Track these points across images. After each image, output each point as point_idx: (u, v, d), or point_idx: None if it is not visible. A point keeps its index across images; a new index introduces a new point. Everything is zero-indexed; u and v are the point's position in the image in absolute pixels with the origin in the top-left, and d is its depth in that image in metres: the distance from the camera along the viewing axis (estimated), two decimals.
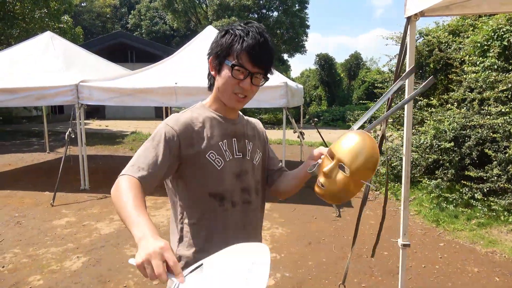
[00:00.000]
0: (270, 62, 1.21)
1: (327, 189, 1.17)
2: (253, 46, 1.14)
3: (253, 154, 1.34)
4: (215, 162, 1.22)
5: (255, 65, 1.17)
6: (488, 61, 5.09)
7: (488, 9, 1.91)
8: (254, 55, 1.15)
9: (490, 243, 4.06)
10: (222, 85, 1.21)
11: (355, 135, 1.17)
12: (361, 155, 1.12)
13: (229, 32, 1.19)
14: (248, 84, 1.18)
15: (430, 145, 5.32)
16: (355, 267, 3.52)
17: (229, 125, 1.29)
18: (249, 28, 1.17)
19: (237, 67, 1.16)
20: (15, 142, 12.19)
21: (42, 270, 3.42)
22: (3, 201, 5.57)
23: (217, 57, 1.20)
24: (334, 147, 1.18)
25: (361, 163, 1.11)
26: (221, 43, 1.19)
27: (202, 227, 1.25)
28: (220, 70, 1.20)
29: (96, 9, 36.18)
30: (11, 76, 6.28)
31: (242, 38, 1.15)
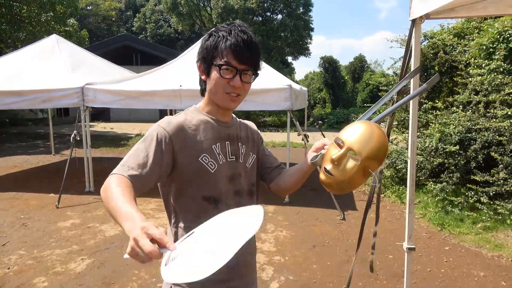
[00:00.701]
0: (256, 58, 1.21)
1: (336, 177, 1.14)
2: (237, 43, 1.15)
3: (246, 157, 1.34)
4: (208, 166, 1.22)
5: (242, 62, 1.17)
6: (494, 63, 5.06)
7: (495, 11, 1.89)
8: (239, 52, 1.15)
9: (496, 247, 4.02)
10: (213, 87, 1.21)
11: (363, 124, 1.16)
12: (372, 143, 1.10)
13: (213, 34, 1.20)
14: (238, 81, 1.18)
15: (435, 148, 5.29)
16: (360, 271, 3.50)
17: (222, 128, 1.29)
18: (231, 27, 1.18)
19: (225, 66, 1.16)
20: (21, 144, 12.27)
21: (47, 272, 3.43)
22: (9, 203, 5.60)
23: (204, 60, 1.21)
24: (342, 135, 1.16)
25: (371, 150, 1.10)
26: (206, 46, 1.20)
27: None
28: (209, 73, 1.21)
29: (102, 13, 36.43)
30: (17, 79, 6.33)
31: (225, 38, 1.16)
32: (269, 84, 5.43)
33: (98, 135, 13.91)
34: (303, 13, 23.73)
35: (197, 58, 1.26)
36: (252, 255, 1.41)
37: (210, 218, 1.20)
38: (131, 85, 5.95)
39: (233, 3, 21.72)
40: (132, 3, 37.95)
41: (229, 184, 1.27)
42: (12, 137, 13.49)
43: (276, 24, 22.87)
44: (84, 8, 33.40)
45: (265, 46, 22.78)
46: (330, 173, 1.15)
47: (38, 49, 7.39)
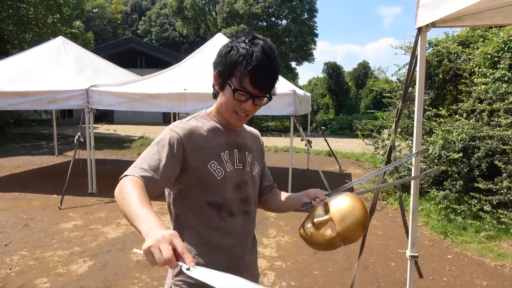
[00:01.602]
0: (272, 85, 1.20)
1: (312, 237, 1.27)
2: (256, 70, 1.12)
3: (252, 165, 1.35)
4: (215, 172, 1.22)
5: (258, 89, 1.16)
6: (499, 72, 5.06)
7: (502, 20, 1.90)
8: (256, 79, 1.14)
9: (499, 256, 3.99)
10: (224, 104, 1.22)
11: (350, 200, 1.26)
12: (350, 221, 1.21)
13: (234, 49, 1.16)
14: (250, 105, 1.19)
15: (438, 155, 5.28)
16: (361, 278, 3.49)
17: (231, 135, 1.30)
18: (254, 48, 1.14)
19: (239, 92, 1.15)
20: (25, 144, 12.33)
21: (49, 273, 3.44)
22: (12, 203, 5.62)
23: (221, 74, 1.20)
24: (331, 203, 1.26)
25: (348, 228, 1.21)
26: (225, 61, 1.17)
27: (197, 234, 1.25)
28: (223, 88, 1.21)
29: (108, 15, 36.70)
30: (23, 80, 6.38)
31: (246, 60, 1.12)
32: None
33: (101, 137, 13.96)
34: (308, 19, 23.83)
35: (213, 63, 1.24)
36: (255, 258, 1.43)
37: (212, 223, 1.22)
38: (136, 88, 5.98)
39: (238, 8, 21.83)
40: (138, 6, 38.21)
41: (235, 192, 1.28)
42: (16, 137, 13.55)
43: (281, 29, 22.97)
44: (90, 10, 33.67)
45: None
46: (307, 232, 1.28)
47: (44, 51, 7.44)
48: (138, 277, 3.41)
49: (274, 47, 1.19)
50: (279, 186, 1.55)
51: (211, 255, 1.25)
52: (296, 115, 5.52)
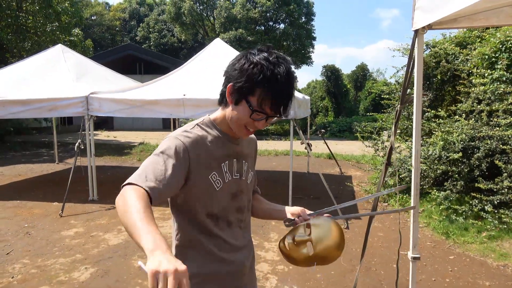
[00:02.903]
0: (289, 106, 1.17)
1: (290, 252, 1.34)
2: (280, 94, 1.11)
3: (248, 173, 1.35)
4: (215, 184, 1.22)
5: (276, 112, 1.14)
6: (497, 73, 5.08)
7: (497, 21, 1.91)
8: (278, 103, 1.12)
9: (502, 256, 3.99)
10: (235, 118, 1.18)
11: (331, 225, 1.34)
12: (327, 244, 1.29)
13: (257, 67, 1.10)
14: (263, 124, 1.18)
15: (438, 156, 5.28)
16: (364, 280, 3.48)
17: (232, 145, 1.28)
18: (278, 69, 1.10)
19: (258, 112, 1.13)
20: (25, 152, 12.33)
21: (51, 281, 3.44)
22: (13, 211, 5.62)
23: (239, 90, 1.14)
24: (313, 225, 1.33)
25: (323, 251, 1.29)
26: (247, 78, 1.11)
27: (198, 243, 1.25)
28: (238, 103, 1.16)
29: (106, 22, 36.85)
30: (23, 88, 6.39)
31: (271, 83, 1.09)
32: None
33: (101, 144, 13.97)
34: (306, 23, 23.93)
35: (228, 76, 1.18)
36: (253, 263, 1.45)
37: (211, 235, 1.24)
38: (135, 94, 6.00)
39: (236, 13, 21.93)
40: (136, 13, 38.38)
41: (232, 201, 1.28)
42: (16, 145, 13.56)
43: (279, 33, 23.05)
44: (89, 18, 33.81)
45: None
46: (287, 246, 1.34)
47: (44, 59, 7.47)
48: (140, 283, 3.41)
49: (292, 66, 1.17)
50: (279, 189, 1.57)
51: (212, 264, 1.26)
52: (295, 118, 5.53)
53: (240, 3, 22.21)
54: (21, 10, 14.02)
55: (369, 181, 7.52)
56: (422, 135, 6.07)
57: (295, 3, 22.36)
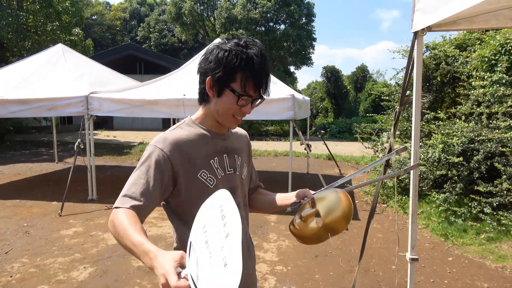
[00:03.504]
0: (269, 86, 1.20)
1: (300, 231, 1.32)
2: (259, 73, 1.13)
3: (242, 168, 1.34)
4: (207, 181, 1.21)
5: (259, 93, 1.17)
6: (496, 75, 5.09)
7: (496, 24, 1.92)
8: (260, 83, 1.14)
9: (500, 258, 4.00)
10: (222, 109, 1.19)
11: (336, 194, 1.32)
12: (335, 214, 1.27)
13: (232, 53, 1.12)
14: (250, 108, 1.20)
15: (438, 158, 5.29)
16: (362, 281, 3.49)
17: (219, 141, 1.27)
18: (251, 51, 1.13)
19: (244, 97, 1.14)
20: (25, 152, 12.33)
21: (50, 280, 3.44)
22: (12, 210, 5.62)
23: (219, 80, 1.14)
24: (317, 198, 1.32)
25: (332, 220, 1.26)
26: (225, 66, 1.12)
27: None
28: (221, 94, 1.16)
29: (107, 22, 36.88)
30: (23, 87, 6.40)
31: (249, 66, 1.11)
32: (272, 93, 5.44)
33: (101, 143, 13.97)
34: (306, 23, 23.95)
35: (204, 70, 1.19)
36: (253, 264, 1.44)
37: None
38: (135, 94, 6.00)
39: (237, 13, 21.95)
40: (137, 13, 38.40)
41: None
42: (16, 144, 13.56)
43: (279, 34, 23.07)
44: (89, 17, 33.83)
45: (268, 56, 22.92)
46: (296, 226, 1.33)
47: (44, 58, 7.48)
48: (139, 283, 3.41)
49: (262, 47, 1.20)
50: (279, 190, 1.56)
51: None
52: (295, 119, 5.54)
53: (241, 4, 22.24)
54: (21, 9, 14.03)
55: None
56: (422, 136, 6.07)
57: (296, 4, 22.38)
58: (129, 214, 1.03)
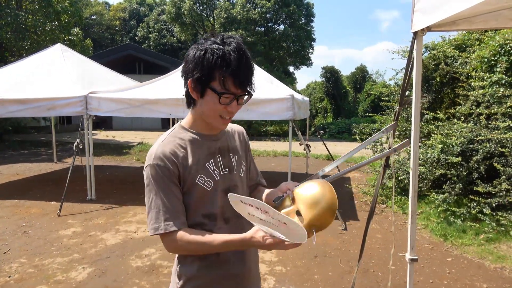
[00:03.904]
0: (252, 81, 1.18)
1: None
2: (238, 69, 1.10)
3: (239, 166, 1.34)
4: (205, 185, 1.21)
5: (241, 88, 1.14)
6: (496, 76, 5.09)
7: (496, 24, 1.92)
8: (239, 79, 1.12)
9: (499, 258, 4.00)
10: (207, 111, 1.18)
11: (317, 186, 1.20)
12: (317, 210, 1.14)
13: (208, 52, 1.11)
14: (235, 106, 1.17)
15: (437, 159, 5.29)
16: (361, 282, 3.48)
17: (212, 143, 1.27)
18: (229, 47, 1.11)
19: (225, 95, 1.13)
20: (23, 152, 12.31)
21: (48, 280, 3.43)
22: (11, 210, 5.61)
23: (199, 81, 1.14)
24: (297, 193, 1.21)
25: (314, 218, 1.13)
26: (202, 65, 1.12)
27: None
28: (204, 94, 1.16)
29: (106, 22, 36.84)
30: (22, 87, 6.38)
31: (226, 61, 1.10)
32: (271, 94, 5.46)
33: (100, 143, 13.96)
34: (305, 24, 23.95)
35: (185, 73, 1.19)
36: (256, 263, 1.43)
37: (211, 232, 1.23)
38: (135, 94, 5.99)
39: (236, 13, 21.94)
40: (136, 13, 38.37)
41: (225, 197, 1.25)
42: (15, 144, 13.54)
43: (279, 34, 23.07)
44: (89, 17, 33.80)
45: (267, 56, 22.93)
46: None
47: (43, 58, 7.46)
48: (137, 283, 3.40)
49: (242, 42, 1.17)
50: None
51: (215, 264, 1.26)
52: (294, 119, 5.53)
53: (240, 4, 22.23)
54: (20, 9, 14.01)
55: (367, 182, 7.52)
56: (421, 137, 6.07)
57: (295, 4, 22.38)
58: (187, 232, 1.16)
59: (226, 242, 1.12)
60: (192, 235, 1.14)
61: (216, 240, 1.12)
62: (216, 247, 1.13)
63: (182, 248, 1.16)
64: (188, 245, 1.14)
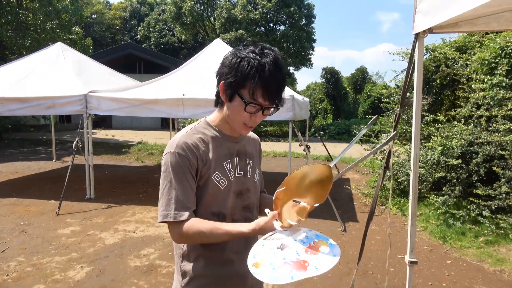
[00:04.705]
0: (282, 96, 1.19)
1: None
2: (269, 83, 1.12)
3: (253, 172, 1.36)
4: (219, 183, 1.23)
5: (269, 101, 1.16)
6: (496, 78, 5.08)
7: (497, 26, 1.91)
8: (269, 92, 1.13)
9: (498, 261, 3.99)
10: (232, 115, 1.21)
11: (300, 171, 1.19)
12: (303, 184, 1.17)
13: (244, 60, 1.14)
14: (260, 117, 1.19)
15: (437, 161, 5.28)
16: (360, 283, 3.47)
17: (232, 144, 1.30)
18: (265, 59, 1.13)
19: (251, 104, 1.14)
20: (23, 150, 12.29)
21: (46, 279, 3.41)
22: (10, 209, 5.60)
23: (230, 85, 1.17)
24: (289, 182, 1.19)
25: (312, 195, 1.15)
26: (235, 72, 1.14)
27: (204, 244, 1.25)
28: (232, 99, 1.18)
29: (106, 21, 36.81)
30: (22, 86, 6.38)
31: (259, 73, 1.11)
32: None
33: (99, 142, 13.93)
34: (306, 25, 23.95)
35: (219, 75, 1.21)
36: None
37: None
38: (134, 93, 5.98)
39: (237, 13, 21.94)
40: (137, 12, 38.35)
41: (237, 200, 1.28)
42: (14, 143, 13.52)
43: (279, 35, 23.06)
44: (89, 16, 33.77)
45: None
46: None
47: (43, 57, 7.45)
48: (136, 283, 3.39)
49: (281, 56, 1.19)
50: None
51: (218, 263, 1.26)
52: (294, 120, 5.52)
53: (241, 4, 22.23)
54: (21, 8, 14.00)
55: (367, 184, 7.52)
56: (421, 139, 6.06)
57: (296, 5, 22.38)
58: (196, 222, 1.17)
59: (228, 233, 1.15)
60: (199, 226, 1.15)
61: (221, 229, 1.14)
62: (221, 236, 1.15)
63: (187, 238, 1.18)
64: (194, 235, 1.16)
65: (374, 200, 2.44)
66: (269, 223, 1.11)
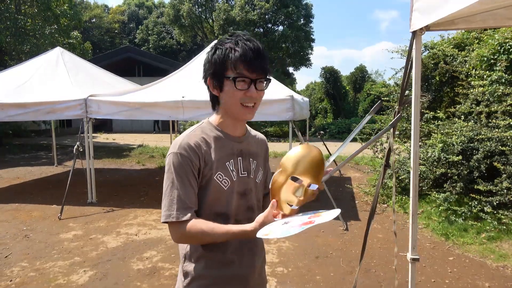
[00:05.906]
0: (266, 64, 1.21)
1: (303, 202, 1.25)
2: (247, 53, 1.15)
3: (256, 172, 1.35)
4: (222, 183, 1.23)
5: (254, 71, 1.17)
6: (495, 74, 5.09)
7: (494, 23, 1.92)
8: (250, 61, 1.15)
9: (501, 257, 3.99)
10: (229, 100, 1.21)
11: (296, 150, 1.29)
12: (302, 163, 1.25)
13: (218, 47, 1.20)
14: (254, 91, 1.19)
15: (437, 158, 5.28)
16: (363, 282, 3.48)
17: (235, 143, 1.29)
18: (236, 38, 1.18)
19: (239, 78, 1.16)
20: (24, 155, 12.31)
21: (49, 284, 3.42)
22: (12, 214, 5.61)
23: (215, 75, 1.20)
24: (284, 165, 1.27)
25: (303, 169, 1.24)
26: (214, 60, 1.19)
27: (207, 245, 1.26)
28: (222, 87, 1.20)
29: (105, 25, 36.87)
30: (22, 91, 6.40)
31: (234, 49, 1.16)
32: (271, 95, 5.46)
33: (100, 146, 13.96)
34: (304, 24, 23.93)
35: (204, 74, 1.26)
36: (263, 267, 1.44)
37: None
38: (134, 97, 5.99)
39: (235, 15, 21.95)
40: (135, 16, 38.41)
41: (241, 200, 1.28)
42: (15, 148, 13.54)
43: (278, 35, 23.05)
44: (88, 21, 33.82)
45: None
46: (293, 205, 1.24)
47: (42, 62, 7.48)
48: (139, 286, 3.40)
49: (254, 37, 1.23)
50: None
51: (219, 264, 1.27)
52: (294, 120, 5.53)
53: (239, 5, 22.23)
54: (20, 13, 14.03)
55: (368, 182, 7.52)
56: (421, 136, 6.07)
57: (294, 5, 22.37)
58: (198, 222, 1.18)
59: (229, 232, 1.16)
60: (201, 225, 1.17)
61: (223, 228, 1.16)
62: (223, 235, 1.16)
63: (189, 237, 1.19)
64: (195, 235, 1.17)
65: (375, 198, 2.44)
66: (268, 217, 1.13)
